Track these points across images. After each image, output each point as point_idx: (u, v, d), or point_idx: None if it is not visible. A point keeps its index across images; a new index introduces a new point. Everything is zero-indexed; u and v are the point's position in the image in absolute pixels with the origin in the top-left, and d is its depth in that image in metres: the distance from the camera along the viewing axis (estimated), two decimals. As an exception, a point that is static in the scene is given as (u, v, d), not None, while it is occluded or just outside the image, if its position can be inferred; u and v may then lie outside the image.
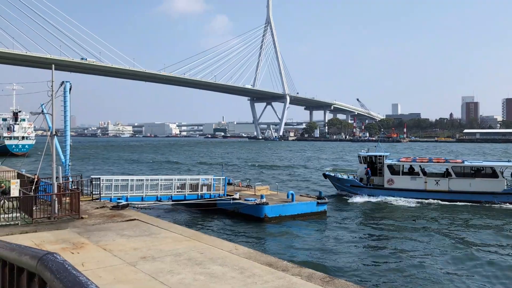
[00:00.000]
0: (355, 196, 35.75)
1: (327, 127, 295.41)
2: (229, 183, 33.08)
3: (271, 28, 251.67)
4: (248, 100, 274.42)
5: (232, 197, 28.21)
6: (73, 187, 23.81)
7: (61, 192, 19.88)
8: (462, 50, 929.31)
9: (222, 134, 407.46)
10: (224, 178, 30.68)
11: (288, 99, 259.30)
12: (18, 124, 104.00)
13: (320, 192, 30.56)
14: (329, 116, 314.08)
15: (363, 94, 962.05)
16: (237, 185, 34.34)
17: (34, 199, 18.46)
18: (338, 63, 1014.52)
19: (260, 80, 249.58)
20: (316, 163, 79.99)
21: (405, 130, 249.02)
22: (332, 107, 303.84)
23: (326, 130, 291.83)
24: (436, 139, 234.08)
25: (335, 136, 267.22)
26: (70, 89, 25.73)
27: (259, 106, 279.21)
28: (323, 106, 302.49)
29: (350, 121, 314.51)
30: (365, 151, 40.55)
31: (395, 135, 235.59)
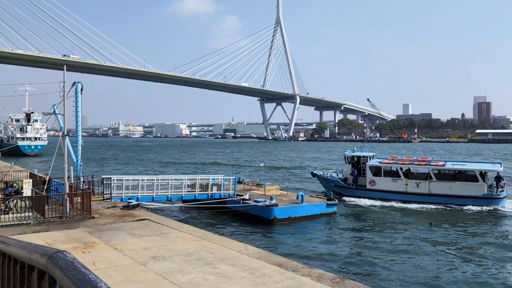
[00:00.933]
0: (341, 196, 35.65)
1: (337, 128, 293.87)
2: (239, 182, 33.15)
3: (281, 29, 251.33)
4: (258, 101, 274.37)
5: (242, 197, 28.21)
6: (84, 187, 23.99)
7: (72, 192, 20.05)
8: (475, 49, 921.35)
9: (232, 134, 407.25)
10: (234, 177, 30.71)
11: (298, 99, 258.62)
12: (31, 125, 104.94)
13: (330, 193, 30.44)
14: (339, 116, 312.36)
15: (374, 94, 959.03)
16: (247, 184, 34.42)
17: (46, 199, 18.63)
18: (349, 63, 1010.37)
19: (270, 80, 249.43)
20: (326, 163, 79.70)
21: (415, 131, 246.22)
22: (342, 107, 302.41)
23: (336, 131, 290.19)
24: (447, 139, 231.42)
25: (345, 137, 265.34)
26: (82, 89, 25.85)
27: (269, 107, 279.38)
28: (333, 107, 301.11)
29: (360, 121, 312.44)
30: (350, 151, 40.39)
31: (405, 136, 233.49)
